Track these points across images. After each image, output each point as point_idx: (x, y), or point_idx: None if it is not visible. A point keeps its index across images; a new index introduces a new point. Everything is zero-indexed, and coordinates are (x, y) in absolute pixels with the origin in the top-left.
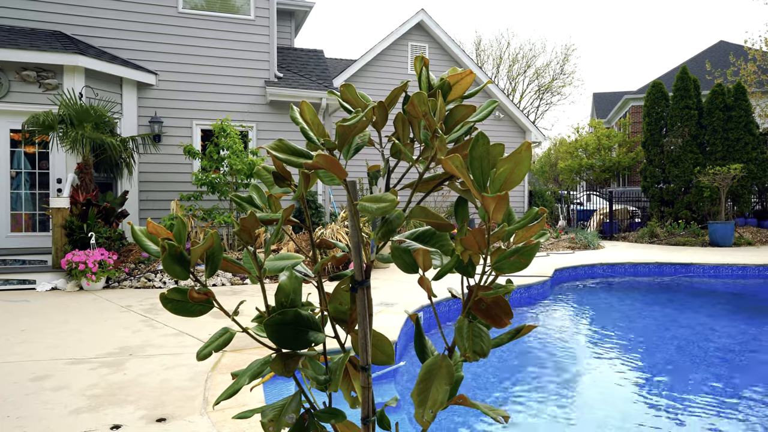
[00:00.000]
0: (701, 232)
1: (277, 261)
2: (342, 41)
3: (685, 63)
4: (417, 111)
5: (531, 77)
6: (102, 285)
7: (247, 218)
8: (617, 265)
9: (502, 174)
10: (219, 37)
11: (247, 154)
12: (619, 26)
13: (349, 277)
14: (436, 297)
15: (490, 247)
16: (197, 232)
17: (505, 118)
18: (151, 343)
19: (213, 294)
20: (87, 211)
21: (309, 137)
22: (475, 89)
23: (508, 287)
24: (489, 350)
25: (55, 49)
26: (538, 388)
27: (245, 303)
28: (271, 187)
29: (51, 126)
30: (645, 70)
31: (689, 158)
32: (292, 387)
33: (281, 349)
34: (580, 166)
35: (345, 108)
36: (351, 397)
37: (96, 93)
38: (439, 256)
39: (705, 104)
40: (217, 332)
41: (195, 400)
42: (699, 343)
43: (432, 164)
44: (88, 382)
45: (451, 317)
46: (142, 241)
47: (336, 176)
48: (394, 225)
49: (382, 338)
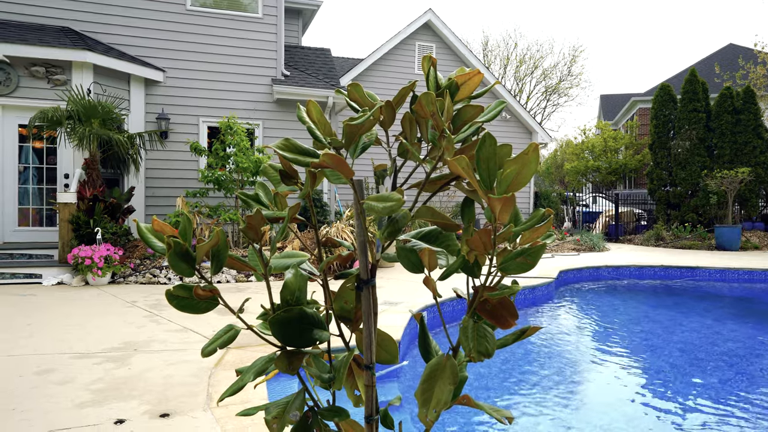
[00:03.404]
0: (708, 236)
1: (283, 259)
2: (349, 40)
3: (694, 66)
4: (425, 111)
5: (538, 78)
6: (107, 280)
7: (253, 216)
8: (622, 268)
9: (509, 175)
10: (227, 34)
11: (253, 151)
12: (628, 28)
13: (354, 276)
14: (441, 297)
15: (496, 248)
16: (203, 229)
17: (512, 119)
18: (156, 339)
19: (218, 291)
20: (93, 206)
21: (316, 136)
22: (483, 90)
23: (514, 288)
24: (494, 351)
25: (64, 45)
26: (542, 389)
27: (250, 300)
28: (277, 185)
29: (59, 121)
30: (653, 73)
31: (697, 161)
32: (295, 385)
33: (286, 347)
34: (586, 168)
35: (352, 107)
36: (354, 395)
37: (104, 89)
38: (444, 256)
39: (713, 107)
40: (222, 329)
41: (198, 396)
42: (705, 347)
43: (439, 164)
44: (93, 377)
45: (455, 317)
46: (147, 238)
47: (343, 175)
48: (400, 224)
49: (386, 337)
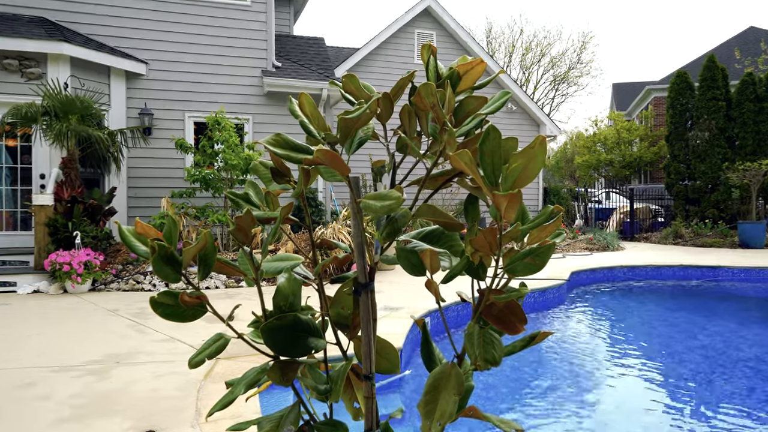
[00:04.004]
0: (730, 233)
1: (275, 262)
2: (344, 29)
3: (712, 51)
4: (424, 103)
5: (546, 67)
6: (88, 287)
7: (243, 217)
8: (639, 268)
9: (515, 170)
10: (213, 24)
11: (243, 148)
12: (641, 12)
13: (351, 280)
14: (444, 301)
15: (502, 248)
16: (189, 231)
17: (518, 110)
18: (140, 350)
19: (206, 297)
20: (72, 208)
21: (309, 131)
22: (486, 79)
23: (522, 291)
24: (501, 358)
25: (39, 37)
26: (554, 400)
27: (241, 307)
28: (268, 183)
29: (33, 118)
30: (668, 59)
31: (717, 153)
32: (290, 397)
33: (279, 357)
34: (598, 162)
35: (347, 99)
36: (353, 408)
37: (82, 83)
38: (447, 258)
39: (734, 95)
40: (211, 338)
41: (186, 411)
42: (729, 353)
43: (441, 160)
44: (73, 391)
45: (460, 323)
46: (130, 242)
47: (338, 172)
48: (399, 224)
49: (386, 345)
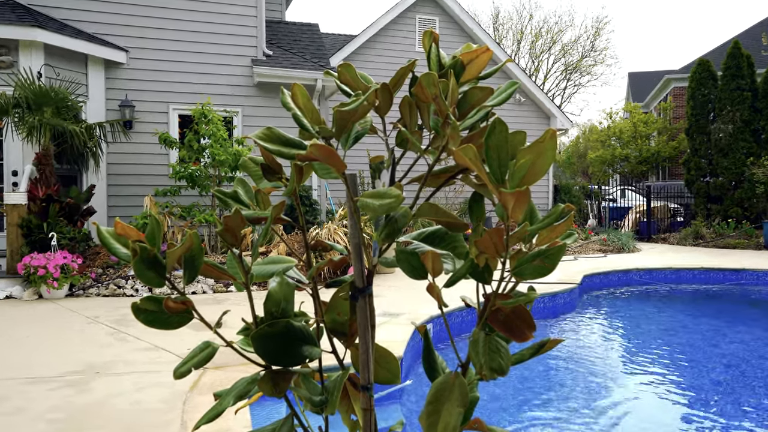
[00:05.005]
0: (755, 233)
1: (266, 265)
2: (340, 14)
3: (736, 37)
4: (426, 94)
5: (557, 55)
6: (65, 293)
7: (231, 216)
8: (656, 271)
9: (523, 166)
10: (199, 9)
11: (231, 143)
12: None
13: (348, 284)
14: (447, 306)
15: (509, 250)
16: (174, 232)
17: (527, 101)
18: (122, 360)
19: (192, 303)
20: (47, 208)
21: (302, 124)
22: (493, 69)
23: (530, 295)
24: (508, 367)
25: (10, 22)
26: (565, 412)
27: (229, 313)
28: (259, 181)
29: (4, 110)
30: (689, 47)
31: (741, 147)
32: (283, 409)
33: (270, 366)
34: (613, 157)
35: (343, 91)
36: (350, 420)
37: (57, 73)
38: (451, 260)
39: (760, 84)
40: (198, 347)
41: (171, 425)
42: (753, 361)
43: (443, 155)
44: (49, 405)
45: (464, 329)
46: (109, 244)
47: (334, 169)
48: (399, 224)
49: (386, 353)
